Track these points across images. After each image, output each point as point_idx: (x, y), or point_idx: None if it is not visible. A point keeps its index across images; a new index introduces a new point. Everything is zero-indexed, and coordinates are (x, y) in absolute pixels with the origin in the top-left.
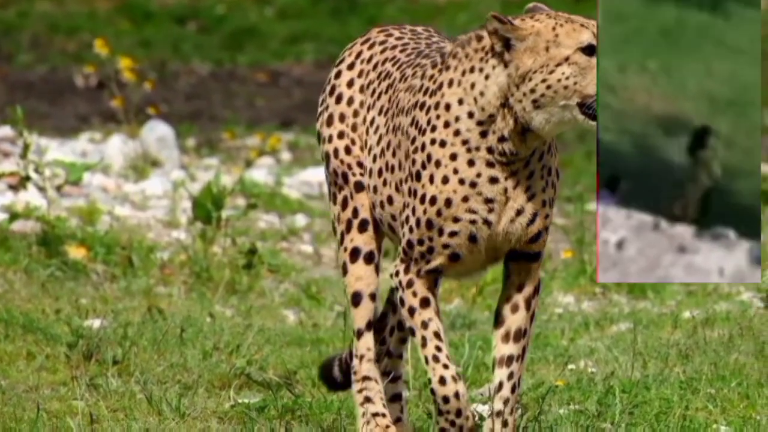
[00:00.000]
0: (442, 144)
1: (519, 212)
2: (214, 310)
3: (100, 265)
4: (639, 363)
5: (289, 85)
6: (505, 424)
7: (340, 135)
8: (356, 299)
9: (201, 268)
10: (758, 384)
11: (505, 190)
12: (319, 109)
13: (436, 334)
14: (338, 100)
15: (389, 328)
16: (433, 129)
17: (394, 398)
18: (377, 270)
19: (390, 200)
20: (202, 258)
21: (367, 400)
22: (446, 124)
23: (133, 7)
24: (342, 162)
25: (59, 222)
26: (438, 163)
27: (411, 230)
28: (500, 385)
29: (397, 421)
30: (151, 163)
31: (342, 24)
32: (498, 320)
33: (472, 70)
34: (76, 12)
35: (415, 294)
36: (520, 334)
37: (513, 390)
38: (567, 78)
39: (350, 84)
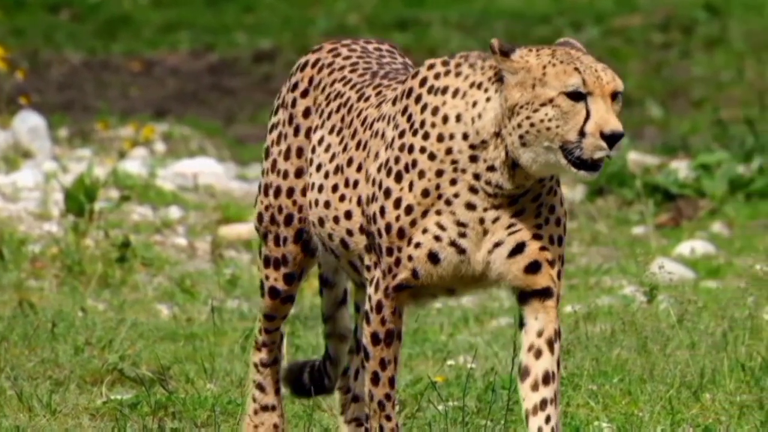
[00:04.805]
0: (432, 157)
1: (498, 244)
2: (86, 305)
3: None
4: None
5: (164, 75)
6: None
7: (298, 173)
8: (269, 319)
9: (73, 261)
10: (640, 380)
11: (482, 220)
12: (273, 120)
13: (391, 381)
14: (296, 132)
15: (353, 374)
16: (426, 136)
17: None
18: (292, 303)
19: (348, 215)
20: (74, 251)
21: (260, 387)
22: (440, 138)
23: None
24: (294, 203)
25: None
26: (422, 174)
27: (380, 233)
28: (539, 431)
29: None
30: (23, 155)
31: (217, 12)
32: (523, 372)
33: (479, 86)
34: None
35: (383, 322)
36: (548, 378)
37: None
38: (550, 120)
39: (306, 114)
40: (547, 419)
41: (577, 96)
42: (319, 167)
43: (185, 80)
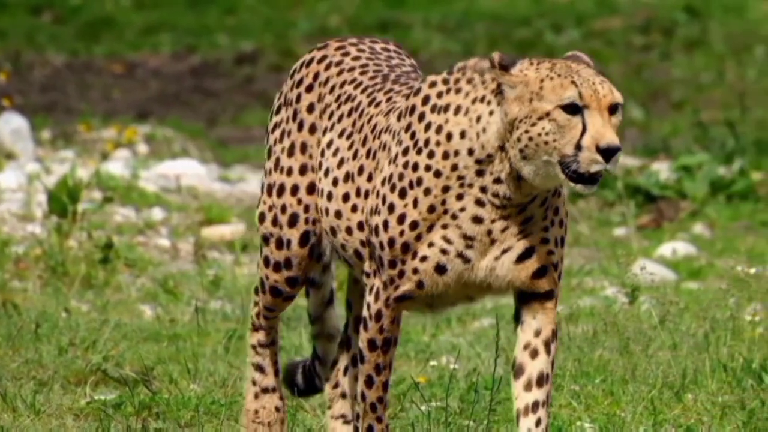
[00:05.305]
0: (437, 174)
1: (505, 251)
2: (69, 305)
3: None
4: (502, 359)
5: (146, 77)
6: None
7: (302, 170)
8: (269, 311)
9: (56, 262)
10: (622, 380)
11: (489, 232)
12: (275, 119)
13: (385, 385)
14: (300, 127)
15: (342, 369)
16: (431, 155)
17: None
18: (293, 299)
19: (361, 226)
20: (57, 252)
21: (260, 368)
22: (445, 155)
23: None
24: (299, 201)
25: None
26: (428, 191)
27: (382, 246)
28: None
29: None
30: (6, 156)
31: (199, 14)
32: (517, 370)
33: (482, 100)
34: None
35: (381, 330)
36: (542, 380)
37: None
38: (547, 134)
39: (310, 109)
40: (538, 422)
41: (573, 109)
42: (327, 172)
43: (167, 82)
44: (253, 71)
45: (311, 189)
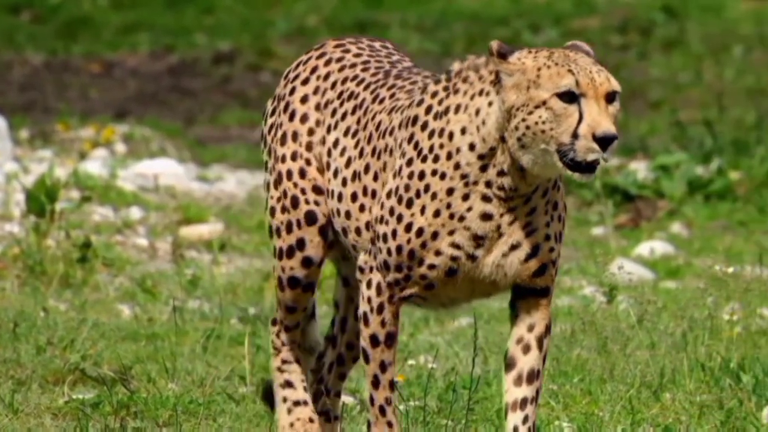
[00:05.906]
0: (443, 177)
1: (514, 247)
2: (47, 305)
3: None
4: (480, 358)
5: (124, 76)
6: None
7: (294, 156)
8: (291, 311)
9: (34, 261)
10: (601, 380)
11: (498, 227)
12: (270, 121)
13: (391, 384)
14: (291, 117)
15: (327, 365)
16: (436, 159)
17: None
18: (313, 291)
19: (369, 227)
20: (35, 251)
21: (288, 384)
22: (448, 156)
23: None
24: (295, 185)
25: None
26: (434, 196)
27: (389, 253)
28: (515, 430)
29: None
30: None
31: (177, 13)
32: (508, 363)
33: (480, 93)
34: None
35: (383, 324)
36: (533, 376)
37: None
38: (543, 122)
39: (304, 100)
40: (525, 419)
41: (570, 98)
42: (336, 173)
43: (145, 81)
44: (231, 71)
45: (302, 174)
